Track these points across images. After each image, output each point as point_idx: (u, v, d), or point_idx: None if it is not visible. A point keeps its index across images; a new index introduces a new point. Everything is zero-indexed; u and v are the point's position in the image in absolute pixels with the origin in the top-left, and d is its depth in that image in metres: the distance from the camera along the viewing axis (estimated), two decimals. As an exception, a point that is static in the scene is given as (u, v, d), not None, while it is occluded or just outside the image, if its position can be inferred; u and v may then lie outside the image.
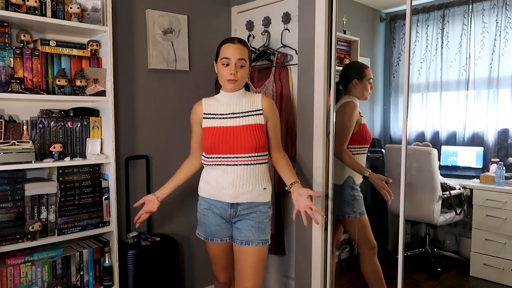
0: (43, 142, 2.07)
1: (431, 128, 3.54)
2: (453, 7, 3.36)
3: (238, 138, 1.81)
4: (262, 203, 1.89)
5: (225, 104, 1.89)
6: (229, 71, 1.78)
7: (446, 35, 3.42)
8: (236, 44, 1.82)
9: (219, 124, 1.86)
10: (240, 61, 1.79)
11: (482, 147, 3.10)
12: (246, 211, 1.87)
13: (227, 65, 1.79)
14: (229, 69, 1.79)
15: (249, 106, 1.88)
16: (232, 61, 1.79)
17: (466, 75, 3.31)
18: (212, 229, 1.93)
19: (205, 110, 1.91)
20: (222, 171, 1.84)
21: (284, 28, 2.62)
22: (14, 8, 1.89)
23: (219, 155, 1.83)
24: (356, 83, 2.47)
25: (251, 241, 1.85)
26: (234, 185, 1.83)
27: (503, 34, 3.08)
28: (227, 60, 1.79)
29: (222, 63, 1.80)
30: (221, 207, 1.88)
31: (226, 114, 1.87)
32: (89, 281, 2.20)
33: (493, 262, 2.88)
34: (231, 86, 1.82)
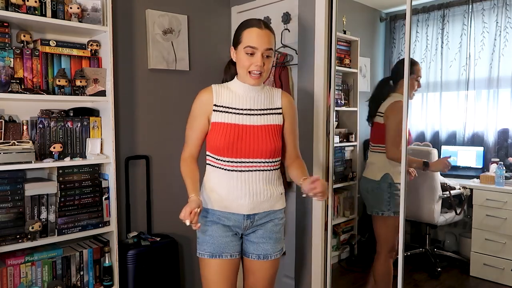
0: (43, 142, 2.07)
1: (431, 128, 3.54)
2: (453, 7, 3.36)
3: (257, 140, 1.57)
4: (279, 210, 1.70)
5: (241, 97, 1.61)
6: (255, 63, 1.52)
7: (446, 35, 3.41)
8: (264, 30, 1.53)
9: (235, 121, 1.58)
10: (267, 51, 1.53)
11: (482, 147, 3.10)
12: (262, 220, 1.66)
13: (252, 54, 1.52)
14: (255, 60, 1.52)
15: (268, 103, 1.64)
16: (259, 51, 1.51)
17: (466, 75, 3.31)
18: (221, 241, 1.63)
19: (216, 100, 1.61)
20: (236, 178, 1.58)
21: (284, 28, 2.62)
22: (14, 8, 1.89)
23: (234, 158, 1.57)
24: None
25: (270, 255, 1.67)
26: (251, 194, 1.59)
27: (503, 34, 3.08)
28: (252, 50, 1.51)
29: (246, 52, 1.52)
30: (235, 219, 1.63)
31: (243, 109, 1.60)
32: (89, 281, 2.20)
33: (493, 262, 2.88)
34: (254, 81, 1.56)
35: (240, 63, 1.57)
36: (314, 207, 2.43)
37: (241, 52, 1.54)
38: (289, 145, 1.71)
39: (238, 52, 1.57)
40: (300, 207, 2.52)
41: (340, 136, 3.03)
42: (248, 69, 1.53)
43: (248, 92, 1.61)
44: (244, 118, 1.59)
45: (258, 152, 1.57)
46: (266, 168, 1.61)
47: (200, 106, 1.62)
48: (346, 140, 3.08)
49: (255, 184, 1.59)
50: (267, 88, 1.67)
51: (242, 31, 1.55)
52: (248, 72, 1.54)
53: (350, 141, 3.09)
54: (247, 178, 1.58)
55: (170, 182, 2.71)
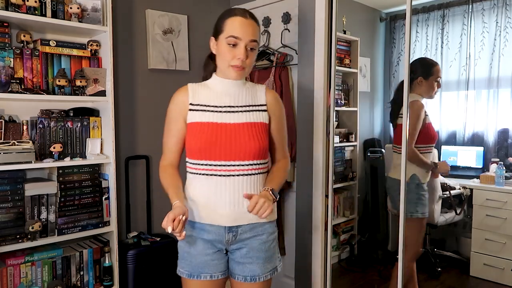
0: (43, 142, 2.07)
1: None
2: (453, 7, 3.36)
3: (239, 139, 1.38)
4: (268, 223, 1.47)
5: (220, 94, 1.44)
6: (237, 55, 1.36)
7: (446, 35, 3.41)
8: (249, 19, 1.38)
9: (212, 119, 1.40)
10: (252, 43, 1.38)
11: (482, 147, 3.10)
12: (248, 234, 1.44)
13: (234, 45, 1.36)
14: (238, 52, 1.36)
15: (250, 99, 1.46)
16: (243, 43, 1.36)
17: (466, 75, 3.31)
18: (200, 260, 1.43)
19: (192, 99, 1.44)
20: (215, 184, 1.39)
21: (284, 28, 2.62)
22: (14, 8, 1.89)
23: (212, 161, 1.38)
24: (421, 81, 2.35)
25: (258, 276, 1.45)
26: (232, 203, 1.39)
27: (503, 34, 3.07)
28: (235, 40, 1.36)
29: (228, 42, 1.36)
30: (215, 232, 1.42)
31: (221, 106, 1.42)
32: (89, 281, 2.20)
33: (493, 262, 2.88)
34: (235, 74, 1.39)
35: (221, 55, 1.40)
36: (314, 207, 2.43)
37: (222, 43, 1.38)
38: (277, 144, 1.53)
39: (219, 43, 1.40)
40: (300, 207, 2.53)
41: (340, 136, 3.03)
42: (230, 62, 1.37)
43: (229, 88, 1.45)
44: (223, 116, 1.41)
45: (241, 153, 1.38)
46: (251, 171, 1.40)
47: (175, 108, 1.47)
48: (346, 140, 3.08)
49: (237, 190, 1.39)
50: (250, 83, 1.51)
51: (224, 19, 1.40)
52: (230, 66, 1.38)
53: (350, 141, 3.09)
54: (228, 183, 1.38)
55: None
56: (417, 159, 2.29)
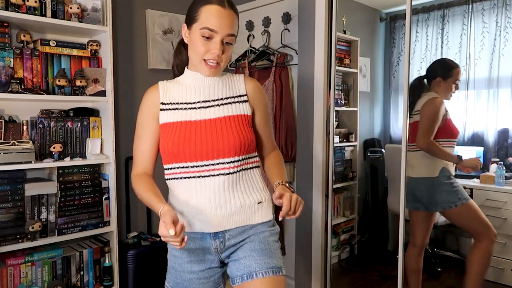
0: (43, 142, 2.07)
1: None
2: (453, 7, 3.36)
3: (215, 136, 1.23)
4: (261, 224, 1.30)
5: (193, 89, 1.29)
6: (212, 50, 1.19)
7: (446, 35, 3.41)
8: (227, 9, 1.20)
9: (184, 117, 1.25)
10: (229, 37, 1.21)
11: (482, 147, 3.10)
12: (238, 238, 1.28)
13: (209, 38, 1.19)
14: (213, 46, 1.19)
15: (228, 91, 1.30)
16: (219, 36, 1.19)
17: (466, 75, 3.31)
18: (184, 278, 1.29)
19: (163, 98, 1.29)
20: (192, 188, 1.24)
21: (284, 28, 2.62)
22: (14, 8, 1.89)
23: (187, 163, 1.23)
24: (440, 82, 2.36)
25: (255, 272, 1.22)
26: (213, 205, 1.23)
27: (503, 34, 3.07)
28: (210, 33, 1.18)
29: (202, 35, 1.19)
30: (201, 240, 1.27)
31: (195, 102, 1.27)
32: (89, 281, 2.20)
33: (493, 262, 2.87)
34: (209, 72, 1.24)
35: (193, 48, 1.23)
36: (314, 207, 2.43)
37: (195, 34, 1.20)
38: (264, 137, 1.38)
39: (192, 33, 1.22)
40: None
41: (340, 136, 3.03)
42: (203, 56, 1.21)
43: (202, 82, 1.29)
44: (196, 113, 1.26)
45: (219, 150, 1.22)
46: (233, 169, 1.24)
47: (146, 109, 1.31)
48: (346, 140, 3.08)
49: (219, 191, 1.23)
50: (227, 74, 1.35)
51: (199, 6, 1.21)
52: (203, 60, 1.21)
53: (350, 141, 3.09)
54: (207, 185, 1.22)
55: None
56: (437, 150, 2.28)
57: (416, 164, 2.34)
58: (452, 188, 2.30)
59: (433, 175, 2.31)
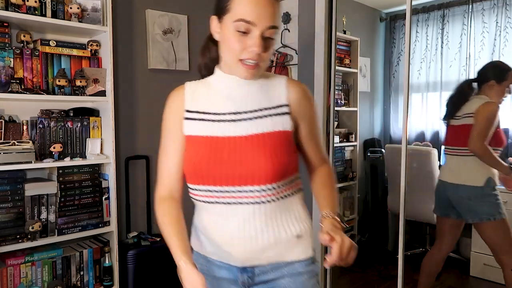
0: (43, 142, 2.07)
1: (431, 128, 3.54)
2: (453, 7, 3.36)
3: (244, 157, 0.98)
4: (297, 262, 1.06)
5: (222, 96, 1.04)
6: (251, 47, 0.94)
7: (446, 35, 3.41)
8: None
9: (211, 132, 1.02)
10: (270, 30, 0.95)
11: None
12: (269, 275, 1.07)
13: (246, 33, 0.93)
14: (251, 42, 0.94)
15: (264, 100, 1.03)
16: (258, 30, 0.93)
17: (466, 75, 3.31)
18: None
19: (189, 104, 1.05)
20: (217, 214, 1.03)
21: (284, 28, 2.62)
22: (14, 8, 1.89)
23: (211, 186, 1.01)
24: (493, 85, 2.24)
25: None
26: (241, 237, 1.02)
27: (503, 34, 3.08)
28: (247, 26, 0.93)
29: (237, 28, 0.93)
30: (227, 270, 1.08)
31: (223, 114, 1.02)
32: (89, 281, 2.20)
33: (493, 262, 2.87)
34: (246, 73, 0.98)
35: (226, 45, 0.98)
36: (314, 207, 2.43)
37: (228, 28, 0.95)
38: (310, 153, 1.15)
39: (224, 27, 0.97)
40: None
41: (340, 136, 3.03)
42: (240, 55, 0.95)
43: (236, 88, 1.03)
44: (225, 127, 1.01)
45: (248, 176, 0.98)
46: (265, 198, 1.00)
47: (169, 116, 1.09)
48: (346, 140, 3.08)
49: (248, 222, 1.01)
50: (265, 76, 1.06)
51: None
52: (239, 60, 0.96)
53: (350, 141, 3.09)
54: (235, 213, 1.01)
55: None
56: (490, 157, 2.17)
57: (458, 170, 2.24)
58: (496, 200, 2.18)
59: (478, 184, 2.19)
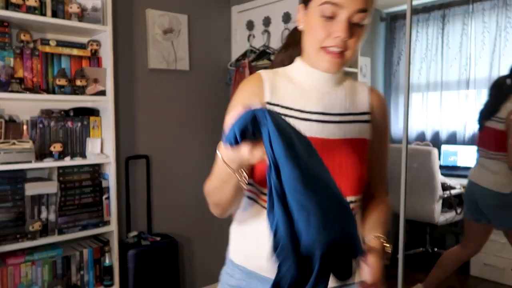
0: (43, 142, 2.07)
1: (432, 127, 3.54)
2: (454, 7, 3.36)
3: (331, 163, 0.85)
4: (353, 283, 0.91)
5: (307, 91, 0.93)
6: (336, 32, 0.84)
7: (447, 35, 3.41)
8: None
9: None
10: (360, 14, 0.84)
11: (483, 147, 3.09)
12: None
13: (332, 18, 0.84)
14: (337, 28, 0.84)
15: (349, 104, 0.95)
16: (345, 13, 0.83)
17: (466, 74, 3.31)
18: None
19: (268, 96, 0.92)
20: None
21: (284, 28, 2.62)
22: (14, 8, 1.89)
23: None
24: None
25: None
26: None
27: (503, 33, 3.07)
28: (333, 10, 0.83)
29: (322, 13, 0.84)
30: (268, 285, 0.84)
31: (311, 112, 0.92)
32: (89, 280, 2.20)
33: (493, 261, 2.88)
34: (328, 64, 0.88)
35: (310, 32, 0.88)
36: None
37: (314, 14, 0.86)
38: (373, 174, 1.01)
39: (309, 13, 0.88)
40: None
41: (340, 135, 3.03)
42: (323, 42, 0.86)
43: (320, 85, 0.93)
44: (312, 127, 0.90)
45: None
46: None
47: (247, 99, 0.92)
48: (346, 140, 3.07)
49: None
50: (350, 81, 0.99)
51: None
52: (322, 48, 0.87)
53: (350, 141, 3.08)
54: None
55: (170, 181, 2.71)
56: None
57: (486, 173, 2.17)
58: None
59: (504, 191, 2.12)
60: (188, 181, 2.76)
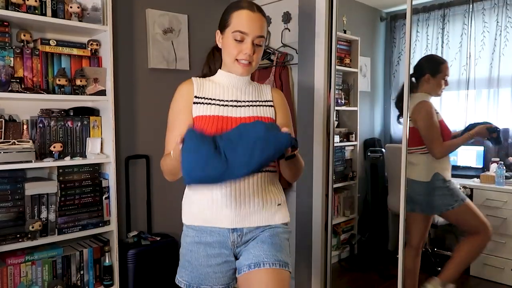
0: (43, 142, 2.07)
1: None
2: (454, 6, 3.36)
3: None
4: (278, 226, 1.35)
5: (226, 88, 1.38)
6: (244, 50, 1.30)
7: (447, 35, 3.41)
8: (256, 13, 1.32)
9: (217, 112, 1.33)
10: (258, 39, 1.31)
11: (483, 147, 3.10)
12: (255, 232, 1.33)
13: (241, 41, 1.30)
14: (244, 47, 1.30)
15: (257, 95, 1.41)
16: (249, 38, 1.29)
17: (466, 74, 3.31)
18: (201, 272, 1.31)
19: (197, 92, 1.36)
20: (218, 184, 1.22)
21: (284, 27, 2.62)
22: (14, 8, 1.89)
23: None
24: (429, 79, 2.33)
25: (264, 262, 1.27)
26: (235, 202, 1.28)
27: (504, 33, 3.07)
28: (241, 35, 1.29)
29: (234, 38, 1.30)
30: (218, 234, 1.31)
31: (227, 100, 1.36)
32: (89, 280, 2.20)
33: (493, 261, 2.88)
34: (241, 70, 1.33)
35: (226, 50, 1.34)
36: (314, 207, 2.43)
37: (228, 37, 1.32)
38: None
39: (224, 37, 1.34)
40: (300, 206, 2.53)
41: (340, 135, 3.03)
42: (236, 56, 1.32)
43: (235, 83, 1.39)
44: (229, 110, 1.34)
45: None
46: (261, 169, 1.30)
47: (181, 99, 1.38)
48: (346, 140, 3.08)
49: (242, 189, 1.29)
50: (255, 83, 1.46)
51: (231, 12, 1.34)
52: (236, 60, 1.32)
53: (350, 141, 3.09)
54: (232, 183, 1.27)
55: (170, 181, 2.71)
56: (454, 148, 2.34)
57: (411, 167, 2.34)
58: (448, 191, 2.30)
59: (425, 179, 2.33)
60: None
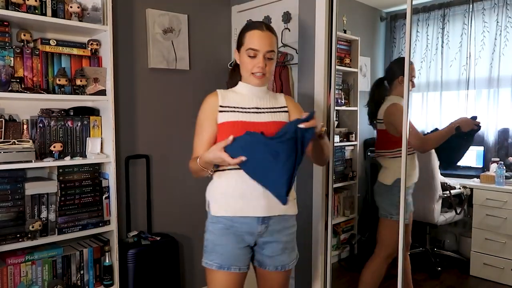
0: (43, 141, 2.07)
1: (431, 127, 3.53)
2: (454, 6, 3.36)
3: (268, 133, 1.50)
4: (291, 216, 1.66)
5: (247, 97, 1.63)
6: (257, 64, 1.56)
7: (447, 35, 3.41)
8: (265, 31, 1.56)
9: (243, 118, 1.56)
10: (269, 53, 1.56)
11: (482, 147, 3.10)
12: (277, 226, 1.60)
13: (254, 57, 1.56)
14: (257, 62, 1.56)
15: (273, 103, 1.66)
16: (260, 54, 1.55)
17: (466, 74, 3.31)
18: (233, 253, 1.58)
19: (222, 101, 1.60)
20: (245, 176, 1.50)
21: (284, 27, 2.62)
22: (14, 7, 1.89)
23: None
24: (402, 80, 2.32)
25: (287, 265, 1.65)
26: (265, 194, 1.51)
27: (504, 33, 3.07)
28: (254, 52, 1.55)
29: (248, 55, 1.56)
30: (248, 224, 1.56)
31: (249, 108, 1.60)
32: (89, 280, 2.20)
33: (493, 261, 2.88)
34: (257, 81, 1.59)
35: (243, 65, 1.61)
36: (314, 207, 2.43)
37: (243, 55, 1.59)
38: None
39: (241, 55, 1.61)
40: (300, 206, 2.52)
41: (340, 135, 3.03)
42: (251, 70, 1.57)
43: (254, 92, 1.63)
44: (252, 116, 1.58)
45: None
46: None
47: (206, 110, 1.60)
48: (346, 140, 3.08)
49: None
50: (271, 92, 1.72)
51: (244, 33, 1.60)
52: (251, 73, 1.58)
53: (350, 141, 3.09)
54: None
55: (170, 181, 2.71)
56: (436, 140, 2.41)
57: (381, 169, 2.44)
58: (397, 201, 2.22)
59: (387, 183, 2.37)
60: (188, 180, 2.76)
